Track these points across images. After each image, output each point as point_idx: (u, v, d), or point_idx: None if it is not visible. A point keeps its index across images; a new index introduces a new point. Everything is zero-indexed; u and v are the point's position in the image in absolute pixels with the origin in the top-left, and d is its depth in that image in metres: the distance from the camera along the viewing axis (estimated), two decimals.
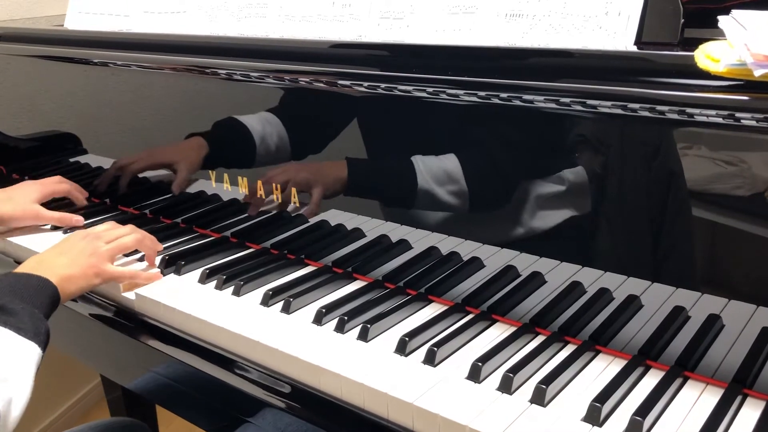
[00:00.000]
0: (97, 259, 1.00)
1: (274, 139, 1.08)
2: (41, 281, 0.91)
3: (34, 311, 0.85)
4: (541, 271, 0.91)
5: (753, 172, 0.73)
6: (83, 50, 1.33)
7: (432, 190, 0.95)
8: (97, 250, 1.01)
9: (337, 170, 1.05)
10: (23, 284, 0.89)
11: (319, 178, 1.07)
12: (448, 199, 0.94)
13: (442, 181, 0.93)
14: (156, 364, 1.03)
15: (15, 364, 0.79)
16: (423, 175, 0.95)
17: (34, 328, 0.83)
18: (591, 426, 0.72)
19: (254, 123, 1.11)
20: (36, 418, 2.03)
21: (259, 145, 1.10)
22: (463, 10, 0.92)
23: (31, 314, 0.84)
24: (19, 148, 1.59)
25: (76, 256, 0.99)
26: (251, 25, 1.14)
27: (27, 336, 0.82)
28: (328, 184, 1.06)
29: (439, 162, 0.94)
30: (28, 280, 0.90)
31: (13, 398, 0.77)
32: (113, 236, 1.06)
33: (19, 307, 0.84)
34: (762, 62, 0.63)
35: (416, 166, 0.95)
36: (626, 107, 0.77)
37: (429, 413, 0.75)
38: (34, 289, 0.89)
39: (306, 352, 0.86)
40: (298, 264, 1.10)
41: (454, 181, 0.93)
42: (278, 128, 1.08)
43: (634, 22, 0.80)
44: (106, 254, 1.02)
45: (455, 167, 0.93)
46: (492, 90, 0.85)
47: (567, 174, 0.85)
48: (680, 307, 0.81)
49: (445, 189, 0.94)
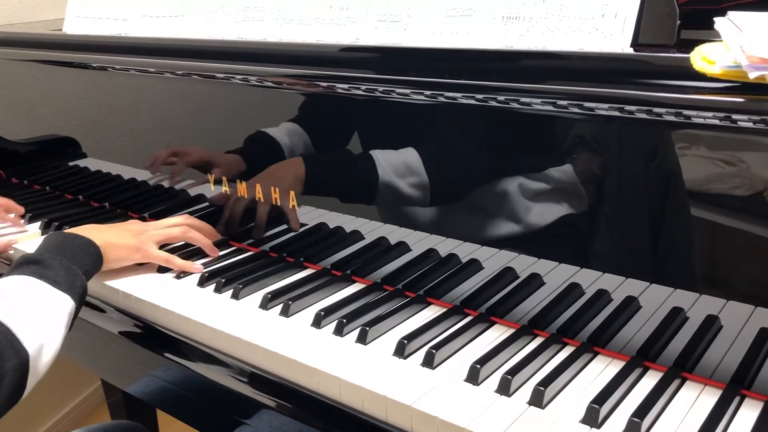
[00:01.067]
0: (143, 239, 1.09)
1: (300, 149, 1.09)
2: (85, 241, 0.99)
3: (72, 267, 0.93)
4: (539, 273, 0.91)
5: (751, 173, 0.73)
6: (82, 54, 1.33)
7: (396, 185, 0.96)
8: (144, 232, 1.10)
9: (294, 168, 1.07)
10: (68, 242, 0.97)
11: (279, 181, 1.09)
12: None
13: (402, 176, 0.95)
14: (155, 367, 1.04)
15: (48, 313, 0.86)
16: (384, 169, 0.98)
17: (70, 281, 0.90)
18: (589, 427, 0.73)
19: (282, 136, 1.11)
20: (37, 421, 2.03)
21: (288, 156, 1.11)
22: (460, 13, 0.92)
23: (68, 269, 0.92)
24: (19, 153, 1.59)
25: (124, 232, 1.08)
26: (249, 28, 1.14)
27: (62, 288, 0.89)
28: (289, 185, 1.09)
29: (400, 157, 0.95)
30: (74, 239, 0.99)
31: (45, 344, 0.82)
32: (164, 224, 1.14)
33: (58, 261, 0.92)
34: (757, 64, 0.63)
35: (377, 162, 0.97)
36: (623, 109, 0.77)
37: (428, 415, 0.75)
38: (78, 248, 0.97)
39: (305, 355, 0.86)
40: (296, 267, 1.10)
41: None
42: (303, 138, 1.08)
43: (630, 24, 0.80)
44: (152, 237, 1.10)
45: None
46: (489, 93, 0.86)
47: (565, 176, 0.85)
48: (678, 308, 0.81)
49: (406, 181, 0.95)
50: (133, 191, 1.36)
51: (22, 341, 0.80)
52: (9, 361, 0.77)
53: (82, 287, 0.92)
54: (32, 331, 0.81)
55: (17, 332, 0.80)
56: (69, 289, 0.90)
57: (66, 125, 1.47)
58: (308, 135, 1.08)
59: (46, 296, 0.87)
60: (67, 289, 0.89)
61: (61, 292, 0.89)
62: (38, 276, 0.88)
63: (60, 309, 0.87)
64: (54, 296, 0.88)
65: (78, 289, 0.91)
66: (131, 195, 1.37)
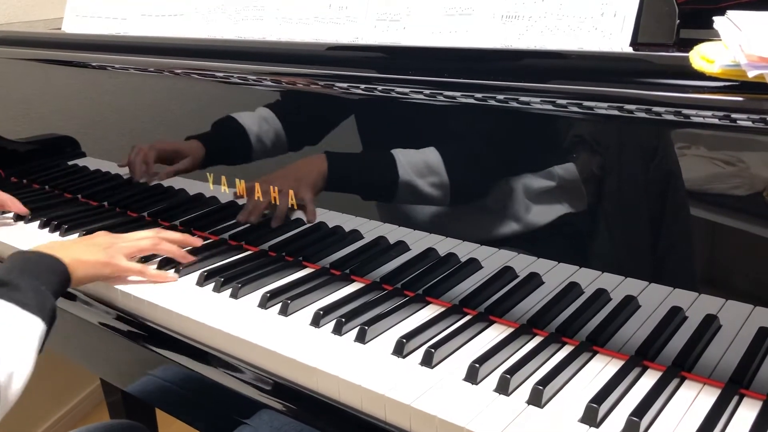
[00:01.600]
0: (112, 252, 1.04)
1: (270, 136, 1.08)
2: (52, 260, 0.94)
3: (40, 287, 0.88)
4: (538, 272, 0.91)
5: (750, 172, 0.73)
6: (81, 53, 1.33)
7: (414, 183, 0.95)
8: (114, 245, 1.06)
9: (317, 164, 1.06)
10: (34, 262, 0.92)
11: (303, 178, 1.08)
12: (432, 194, 0.94)
13: (424, 174, 0.94)
14: (154, 367, 1.03)
15: (17, 338, 0.81)
16: (405, 168, 0.96)
17: (39, 303, 0.85)
18: (588, 427, 0.73)
19: (251, 122, 1.11)
20: (36, 421, 2.03)
21: (255, 143, 1.11)
22: (459, 12, 0.92)
23: (36, 290, 0.87)
24: (18, 152, 1.59)
25: (92, 246, 1.03)
26: (248, 27, 1.14)
27: (31, 311, 0.84)
28: (312, 182, 1.07)
29: (421, 156, 0.94)
30: (40, 258, 0.94)
31: (14, 372, 0.78)
32: (133, 237, 1.10)
33: (26, 282, 0.87)
34: (756, 63, 0.63)
35: (398, 161, 0.97)
36: (622, 108, 0.77)
37: (426, 415, 0.75)
38: (45, 267, 0.92)
39: (303, 354, 0.86)
40: (295, 266, 1.10)
41: (448, 179, 0.93)
42: (275, 125, 1.08)
43: (629, 23, 0.80)
44: (122, 250, 1.06)
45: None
46: (488, 92, 0.86)
47: (564, 175, 0.85)
48: (677, 307, 0.81)
49: (426, 181, 0.94)
50: (132, 190, 1.36)
51: None
52: None
53: (51, 309, 0.87)
54: (1, 358, 0.77)
55: None
56: (39, 311, 0.85)
57: (65, 124, 1.47)
58: (306, 133, 1.08)
59: (14, 320, 0.82)
60: (36, 312, 0.84)
61: (31, 315, 0.84)
62: (6, 298, 0.83)
63: (30, 333, 0.83)
64: (23, 319, 0.83)
65: (48, 311, 0.86)
66: (130, 194, 1.36)
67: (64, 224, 1.30)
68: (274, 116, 1.10)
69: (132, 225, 1.30)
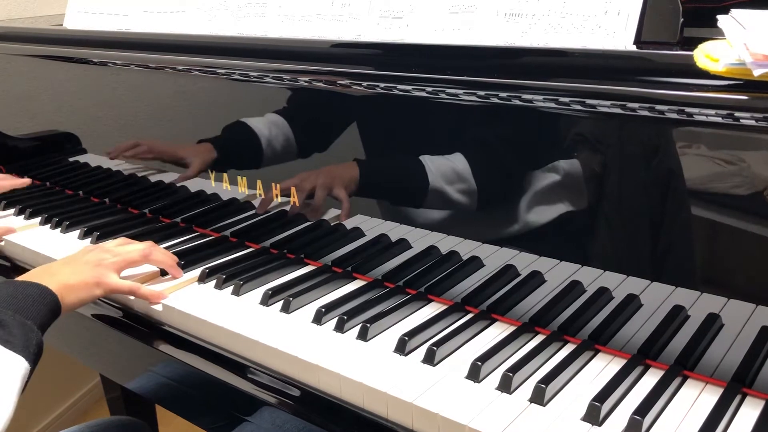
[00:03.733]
0: (101, 271, 0.99)
1: (281, 140, 1.08)
2: (41, 290, 0.89)
3: (26, 323, 0.83)
4: (540, 271, 0.91)
5: (752, 172, 0.73)
6: (82, 50, 1.33)
7: (442, 188, 0.94)
8: (103, 262, 1.01)
9: (349, 171, 1.04)
10: (22, 294, 0.87)
11: (337, 179, 1.06)
12: (457, 198, 0.94)
13: (452, 180, 0.93)
14: (155, 363, 1.03)
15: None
16: (433, 174, 0.95)
17: (24, 340, 0.81)
18: (590, 425, 0.73)
19: (261, 127, 1.11)
20: (35, 417, 2.03)
21: (266, 148, 1.11)
22: (462, 10, 0.92)
23: (22, 325, 0.82)
24: (19, 148, 1.59)
25: (81, 267, 0.99)
26: (250, 24, 1.14)
27: (15, 349, 0.79)
28: (346, 185, 1.05)
29: (445, 161, 0.94)
30: (27, 289, 0.89)
31: None
32: (122, 250, 1.05)
33: (11, 318, 0.82)
34: (761, 62, 0.63)
35: (426, 166, 0.95)
36: (625, 107, 0.77)
37: (428, 412, 0.75)
38: (33, 299, 0.87)
39: (305, 351, 0.86)
40: (297, 263, 1.10)
41: (462, 180, 0.93)
42: (285, 129, 1.08)
43: (633, 22, 0.80)
44: (111, 266, 1.01)
45: (461, 167, 0.93)
46: (491, 89, 0.85)
47: (567, 174, 0.85)
48: (679, 306, 0.81)
49: (454, 188, 0.94)
50: (134, 187, 1.36)
51: None
52: None
53: (37, 345, 0.82)
54: None
55: None
56: (23, 349, 0.80)
57: (66, 121, 1.47)
58: (308, 130, 1.08)
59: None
60: (21, 350, 0.80)
61: (15, 354, 0.79)
62: None
63: (12, 374, 0.78)
64: (6, 359, 0.78)
65: (33, 348, 0.81)
66: (131, 191, 1.36)
67: (66, 221, 1.30)
68: (283, 120, 1.09)
69: (133, 222, 1.30)
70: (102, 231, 1.24)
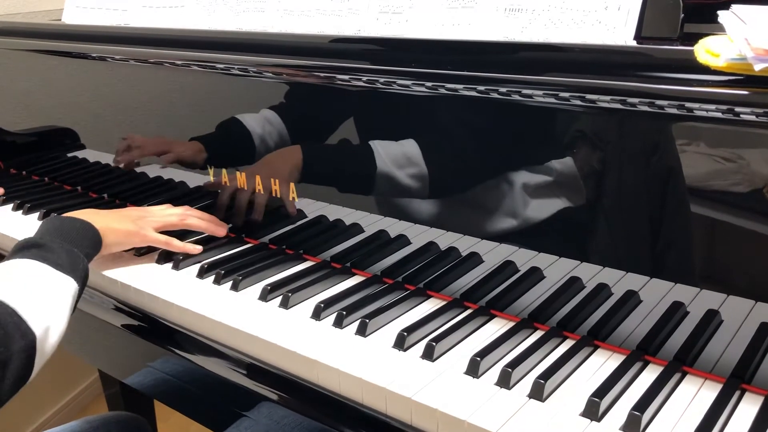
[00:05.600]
0: (142, 224, 1.10)
1: (275, 137, 1.09)
2: (85, 224, 1.00)
3: (73, 250, 0.93)
4: (539, 267, 0.90)
5: (752, 168, 0.73)
6: (81, 45, 1.33)
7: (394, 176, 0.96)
8: (143, 218, 1.11)
9: (292, 156, 1.08)
10: (68, 226, 0.98)
11: (279, 169, 1.10)
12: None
13: (403, 165, 0.95)
14: (154, 359, 1.03)
15: (53, 295, 0.86)
16: (383, 160, 0.98)
17: (72, 264, 0.91)
18: (589, 421, 0.72)
19: (254, 124, 1.11)
20: (34, 413, 2.03)
21: (259, 145, 1.12)
22: (462, 5, 0.92)
23: (69, 252, 0.92)
24: (17, 143, 1.59)
25: (125, 218, 1.09)
26: (250, 19, 1.14)
27: (65, 271, 0.89)
28: (287, 173, 1.09)
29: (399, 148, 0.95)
30: (73, 223, 0.99)
31: (50, 327, 0.83)
32: (162, 212, 1.15)
33: (59, 245, 0.92)
34: (762, 56, 0.63)
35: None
36: (625, 102, 0.77)
37: (428, 408, 0.75)
38: (77, 231, 0.98)
39: (304, 346, 0.86)
40: (296, 259, 1.10)
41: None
42: (279, 127, 1.09)
43: (633, 17, 0.80)
44: (150, 222, 1.11)
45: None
46: (491, 84, 0.85)
47: (566, 169, 0.84)
48: (679, 302, 0.81)
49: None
50: (132, 182, 1.35)
51: (29, 323, 0.80)
52: (17, 343, 0.78)
53: (84, 269, 0.93)
54: (38, 313, 0.82)
55: (24, 314, 0.81)
56: (71, 271, 0.90)
57: (65, 116, 1.46)
58: (307, 126, 1.08)
59: (49, 279, 0.88)
60: (69, 272, 0.90)
61: (65, 275, 0.89)
62: (41, 259, 0.89)
63: (64, 291, 0.88)
64: (57, 279, 0.88)
65: (80, 272, 0.92)
66: (130, 186, 1.36)
67: None
68: (277, 116, 1.09)
69: None
70: None
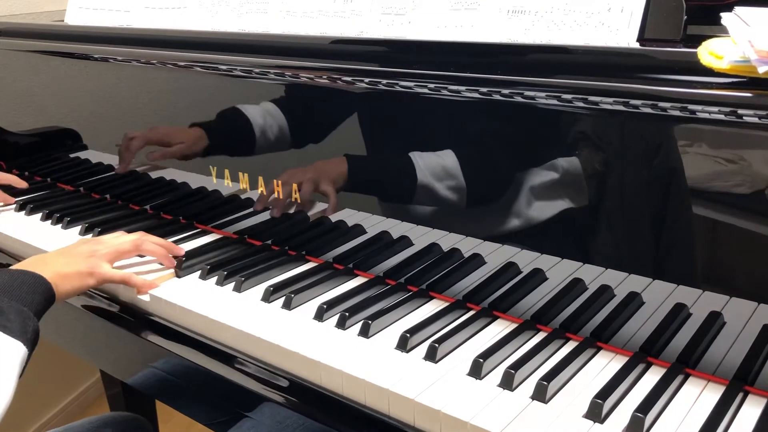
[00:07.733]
0: (94, 261, 1.01)
1: (275, 130, 1.08)
2: (35, 278, 0.91)
3: (23, 309, 0.85)
4: (542, 268, 0.90)
5: (754, 170, 0.73)
6: (84, 46, 1.33)
7: (431, 185, 0.95)
8: (95, 253, 1.03)
9: (338, 166, 1.05)
10: (17, 281, 0.89)
11: (324, 176, 1.07)
12: (447, 195, 0.94)
13: (441, 176, 0.94)
14: (156, 359, 1.03)
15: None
16: (422, 171, 0.95)
17: (21, 326, 0.83)
18: (592, 422, 0.72)
19: (256, 115, 1.11)
20: (35, 414, 2.03)
21: (259, 136, 1.11)
22: (465, 7, 0.92)
23: (19, 312, 0.84)
24: (19, 144, 1.59)
25: (74, 257, 1.01)
26: (252, 20, 1.14)
27: (12, 335, 0.81)
28: (334, 180, 1.06)
29: (438, 158, 0.94)
30: (23, 277, 0.90)
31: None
32: (114, 242, 1.07)
33: (7, 305, 0.84)
34: (766, 59, 0.63)
35: (415, 162, 0.95)
36: (628, 104, 0.77)
37: (430, 409, 0.75)
38: (28, 287, 0.89)
39: (307, 347, 0.86)
40: (299, 260, 1.10)
41: (453, 177, 0.93)
42: (279, 120, 1.08)
43: (636, 19, 0.80)
44: (103, 257, 1.03)
45: (455, 163, 0.93)
46: (493, 86, 0.85)
47: (569, 171, 0.84)
48: (681, 304, 0.81)
49: (444, 184, 0.94)
50: (134, 183, 1.36)
51: None
52: None
53: (34, 331, 0.85)
54: None
55: None
56: (21, 334, 0.82)
57: (67, 116, 1.46)
58: (311, 126, 1.08)
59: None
60: (18, 335, 0.81)
61: (12, 339, 0.81)
62: None
63: (11, 358, 0.80)
64: (5, 344, 0.80)
65: (30, 334, 0.83)
66: (132, 187, 1.36)
67: (66, 216, 1.29)
68: (278, 110, 1.09)
69: (134, 218, 1.30)
70: (103, 227, 1.24)
